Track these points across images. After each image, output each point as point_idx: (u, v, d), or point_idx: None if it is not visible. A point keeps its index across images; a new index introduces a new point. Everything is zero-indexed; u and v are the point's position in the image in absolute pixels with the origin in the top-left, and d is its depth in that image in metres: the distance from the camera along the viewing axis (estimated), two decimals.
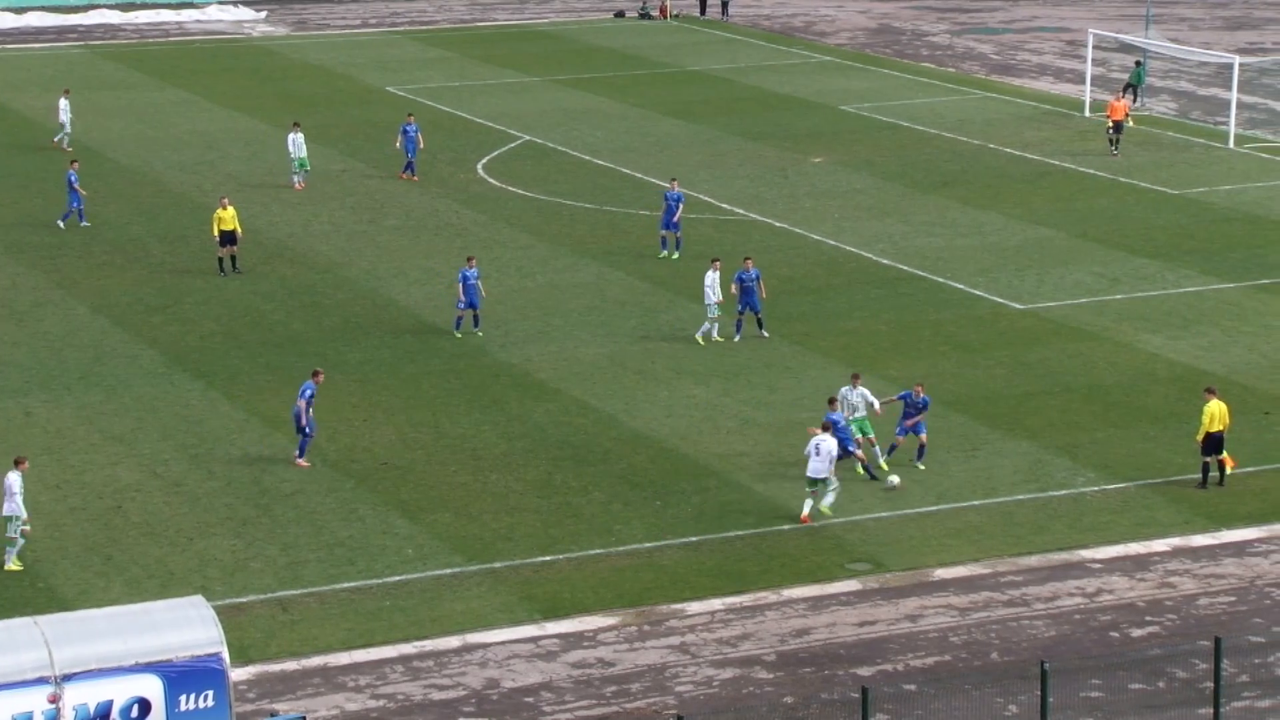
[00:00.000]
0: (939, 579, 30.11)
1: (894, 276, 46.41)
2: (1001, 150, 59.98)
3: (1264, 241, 49.05)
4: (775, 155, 59.85)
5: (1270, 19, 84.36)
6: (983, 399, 37.89)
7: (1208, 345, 40.81)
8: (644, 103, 68.59)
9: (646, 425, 36.74)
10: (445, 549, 31.27)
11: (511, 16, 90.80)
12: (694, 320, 43.16)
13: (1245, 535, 31.58)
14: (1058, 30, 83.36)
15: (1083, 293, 44.86)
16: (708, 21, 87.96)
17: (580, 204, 54.11)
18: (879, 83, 71.97)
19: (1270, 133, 61.25)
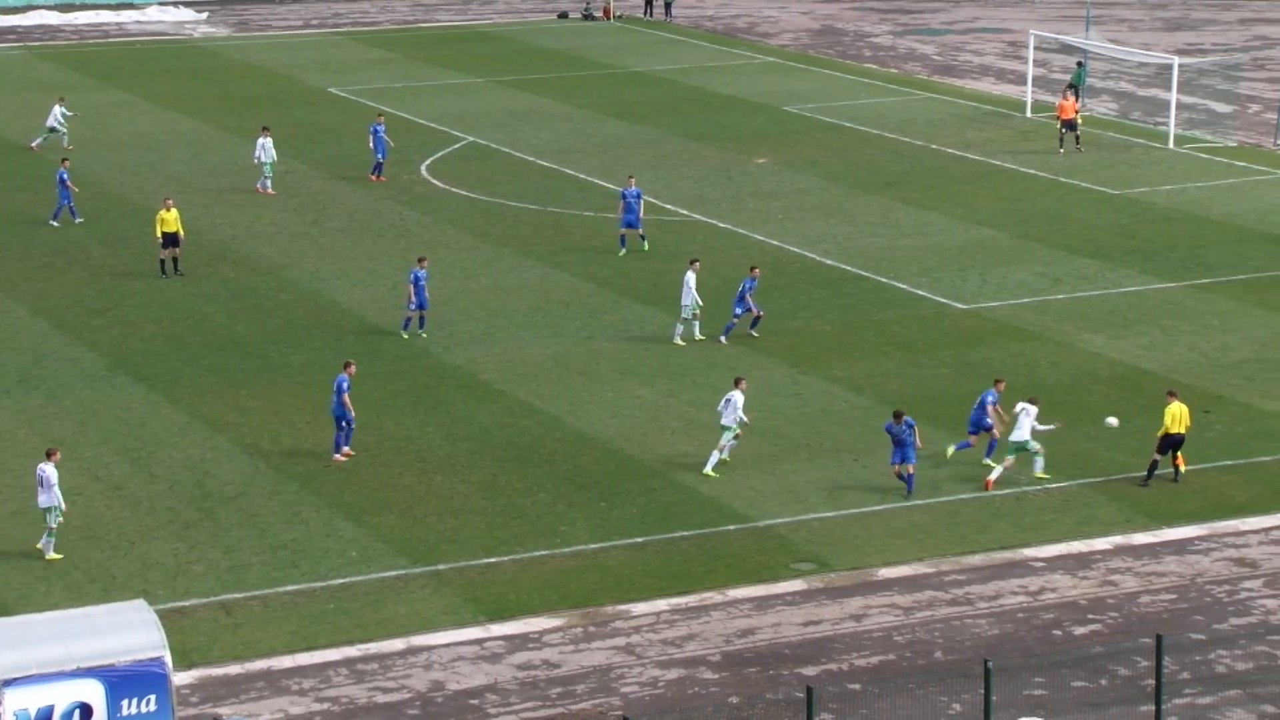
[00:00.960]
0: (883, 578, 30.20)
1: (838, 277, 46.53)
2: (944, 151, 60.24)
3: (1204, 241, 49.41)
4: (719, 156, 59.93)
5: (1208, 20, 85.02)
6: (926, 399, 38.03)
7: (1148, 344, 41.08)
8: (588, 103, 68.57)
9: (591, 426, 36.73)
10: (390, 551, 31.17)
11: (455, 17, 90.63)
12: (639, 321, 43.20)
13: (1186, 533, 31.81)
14: (999, 31, 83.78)
15: (1025, 293, 45.09)
16: (651, 22, 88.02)
17: (524, 205, 54.05)
18: (822, 83, 72.17)
19: (1209, 133, 61.71)
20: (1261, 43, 78.40)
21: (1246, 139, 61.19)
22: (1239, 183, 55.64)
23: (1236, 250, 48.37)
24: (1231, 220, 51.34)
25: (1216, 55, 74.74)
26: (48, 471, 30.70)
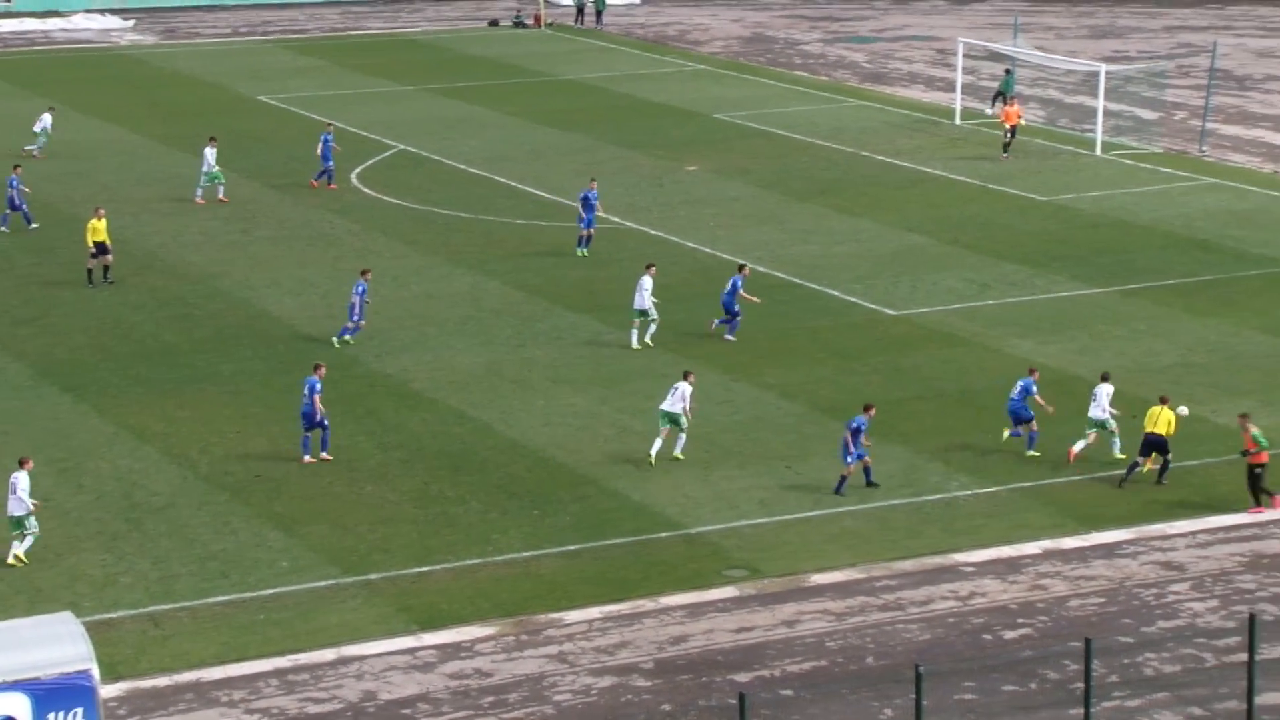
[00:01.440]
0: (815, 584, 30.27)
1: (770, 284, 46.62)
2: (875, 158, 60.48)
3: (1131, 247, 49.79)
4: (650, 164, 59.97)
5: (1134, 27, 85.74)
6: (858, 405, 38.04)
7: (1077, 350, 41.35)
8: (518, 111, 68.50)
9: (524, 434, 36.66)
10: (320, 561, 31.01)
11: (385, 25, 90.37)
12: (571, 329, 43.17)
13: (1114, 537, 32.02)
14: (928, 39, 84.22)
15: (955, 299, 45.31)
16: (582, 30, 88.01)
17: (455, 213, 53.93)
18: (753, 91, 72.35)
19: (1136, 140, 62.21)
20: (1186, 50, 79.13)
21: (1172, 145, 61.71)
22: (1165, 189, 56.11)
23: (1163, 256, 48.77)
24: (1158, 226, 51.77)
25: (1142, 62, 75.37)
26: (19, 479, 30.70)
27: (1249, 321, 42.98)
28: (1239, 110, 67.27)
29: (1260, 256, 48.45)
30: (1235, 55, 76.75)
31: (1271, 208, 53.54)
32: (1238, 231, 50.92)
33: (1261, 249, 49.13)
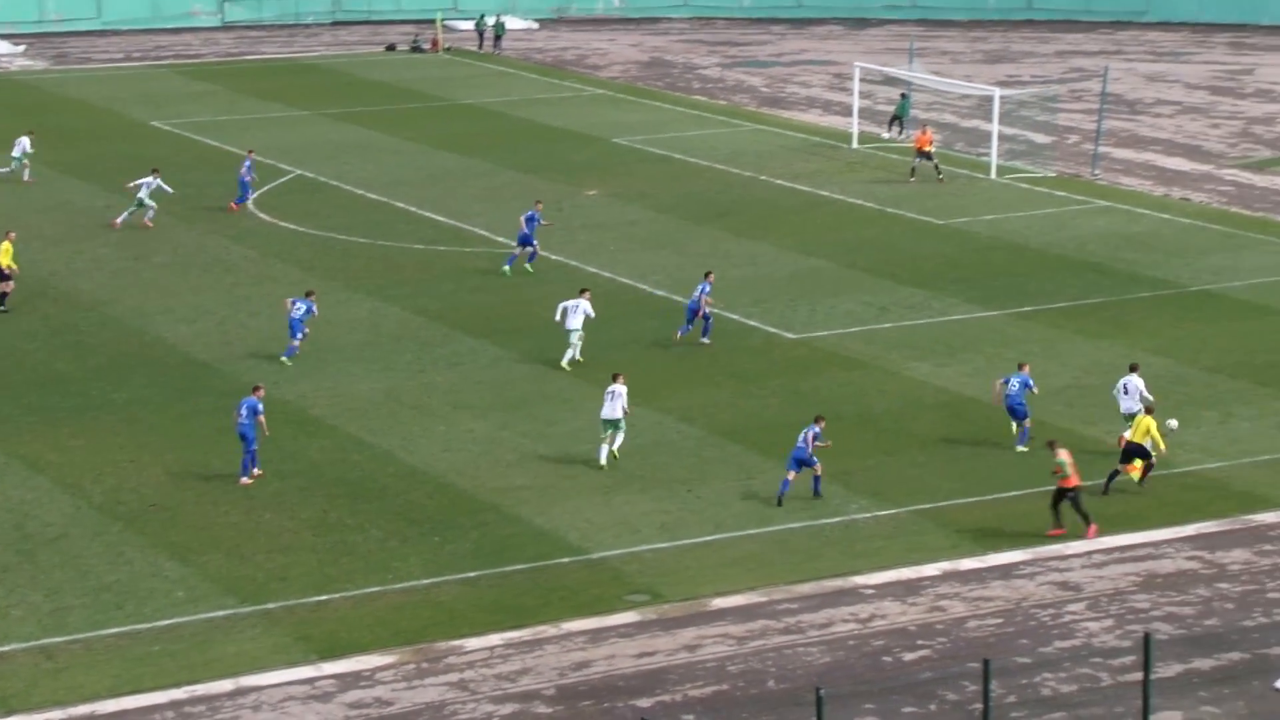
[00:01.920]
0: (716, 608, 30.31)
1: (670, 308, 46.71)
2: (773, 182, 60.80)
3: (1025, 270, 50.29)
4: (550, 188, 59.98)
5: (1027, 52, 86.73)
6: (758, 428, 38.30)
7: (973, 372, 41.71)
8: (417, 136, 68.32)
9: (424, 460, 36.50)
10: (217, 591, 30.71)
11: (280, 50, 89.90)
12: (471, 354, 43.07)
13: (1011, 558, 32.27)
14: (825, 64, 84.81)
15: (853, 322, 45.60)
16: (480, 55, 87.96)
17: (354, 238, 53.69)
18: (652, 115, 72.56)
19: (1030, 163, 62.88)
20: (1078, 74, 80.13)
21: (1065, 169, 62.45)
22: (1058, 212, 56.75)
23: (1056, 278, 49.29)
24: (1051, 249, 52.33)
25: (1036, 87, 76.25)
26: None
27: (1141, 343, 43.53)
28: (1130, 134, 68.20)
29: (1152, 278, 49.10)
30: (1126, 80, 77.82)
31: (1162, 230, 54.29)
32: (1130, 254, 51.58)
33: (1153, 271, 49.79)
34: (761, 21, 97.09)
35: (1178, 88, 77.06)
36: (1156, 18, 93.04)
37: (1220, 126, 69.41)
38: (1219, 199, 58.15)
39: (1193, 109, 72.71)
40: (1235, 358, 42.42)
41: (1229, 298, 47.04)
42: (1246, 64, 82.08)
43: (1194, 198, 58.28)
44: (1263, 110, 72.11)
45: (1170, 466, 36.02)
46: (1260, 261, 50.51)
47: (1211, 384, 40.72)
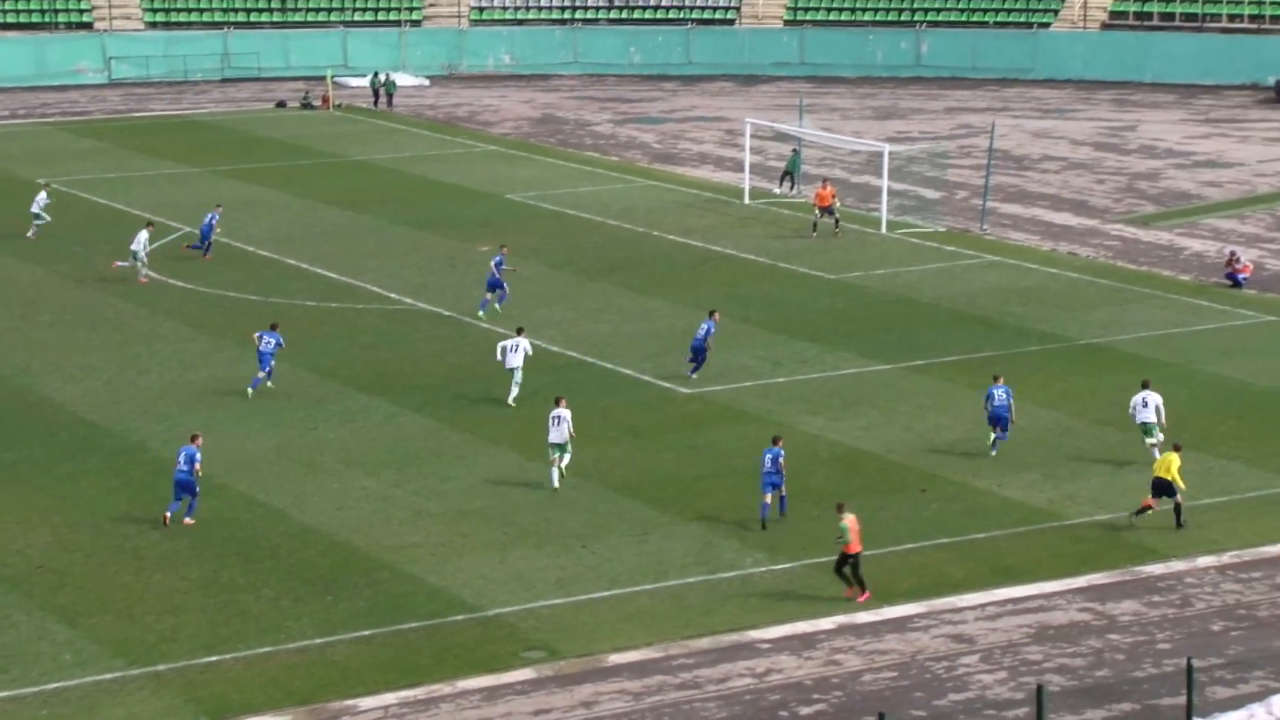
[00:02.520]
0: (613, 664, 30.24)
1: (563, 363, 46.73)
2: (665, 237, 61.05)
3: (916, 324, 50.72)
4: (442, 244, 59.91)
5: (916, 109, 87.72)
6: (653, 483, 38.32)
7: (866, 425, 41.98)
8: (307, 192, 68.07)
9: (316, 518, 36.22)
10: (106, 653, 30.27)
11: (169, 107, 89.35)
12: (363, 411, 42.83)
13: (906, 611, 32.44)
14: (716, 120, 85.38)
15: (747, 376, 45.79)
16: (372, 112, 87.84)
17: (244, 295, 53.34)
18: (544, 171, 72.72)
19: (920, 219, 63.53)
20: (967, 131, 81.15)
21: (955, 224, 63.14)
22: (948, 266, 57.35)
23: (948, 332, 49.77)
24: (942, 303, 52.83)
25: (925, 143, 77.12)
26: None
27: (1031, 396, 43.99)
28: (1018, 189, 69.11)
29: (1041, 332, 49.68)
30: (1013, 136, 78.88)
31: (1050, 284, 54.97)
32: (1019, 308, 52.18)
33: (1042, 325, 50.38)
34: (652, 78, 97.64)
35: (1063, 144, 78.23)
36: (1042, 75, 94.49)
37: (1105, 182, 70.51)
38: (1105, 253, 59.01)
39: (1078, 165, 73.82)
40: (1124, 410, 42.94)
41: (1116, 351, 47.70)
42: (1129, 120, 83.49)
43: (1081, 252, 59.11)
44: (1146, 166, 73.34)
45: (1061, 519, 36.41)
46: (1146, 315, 51.26)
47: (1101, 437, 41.22)
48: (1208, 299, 52.71)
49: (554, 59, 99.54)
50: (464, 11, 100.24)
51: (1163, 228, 62.66)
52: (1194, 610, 32.39)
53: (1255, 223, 63.17)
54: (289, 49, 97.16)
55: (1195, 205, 66.33)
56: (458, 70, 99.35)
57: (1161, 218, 64.32)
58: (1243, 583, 33.51)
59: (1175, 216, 64.47)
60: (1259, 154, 74.97)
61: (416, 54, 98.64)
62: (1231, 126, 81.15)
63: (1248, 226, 62.59)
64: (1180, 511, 35.76)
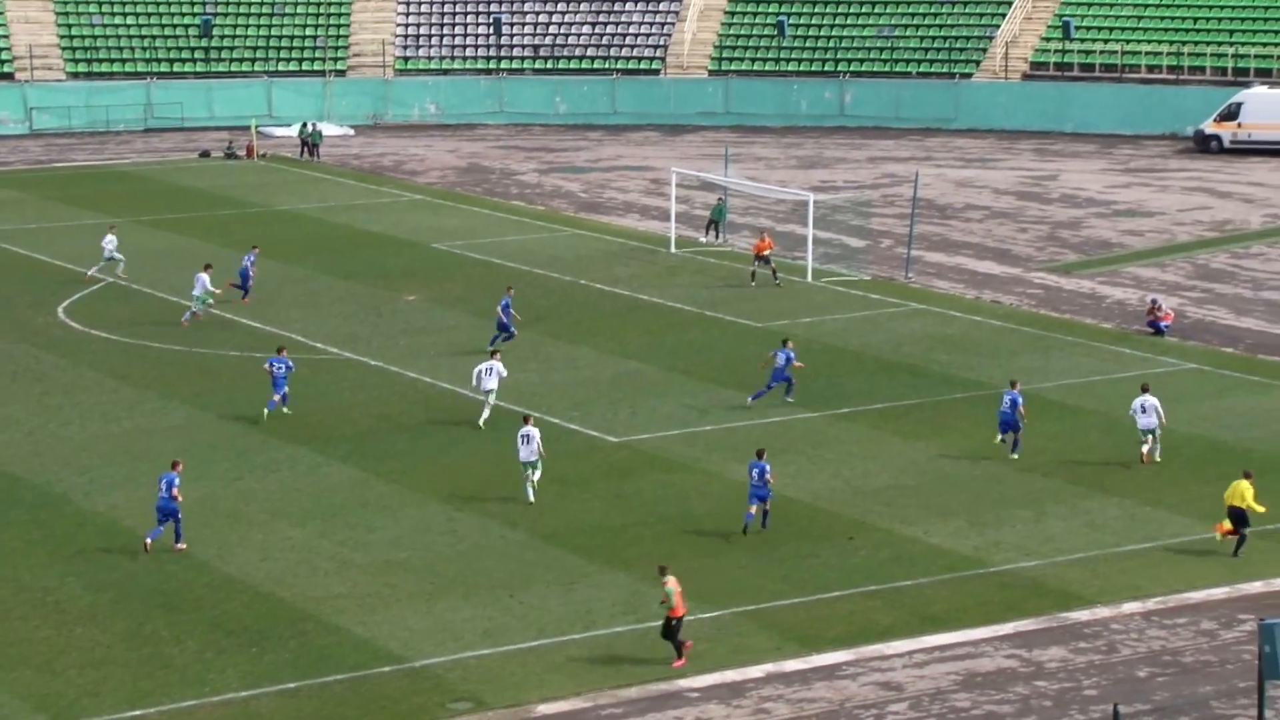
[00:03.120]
0: (541, 714, 30.11)
1: (492, 414, 46.61)
2: (592, 286, 61.11)
3: (843, 371, 50.93)
4: (368, 293, 59.74)
5: (840, 158, 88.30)
6: (580, 532, 38.26)
7: (794, 473, 42.08)
8: (232, 242, 67.76)
9: (241, 570, 35.94)
10: (25, 709, 29.88)
11: (91, 157, 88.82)
12: (288, 461, 42.61)
13: (834, 658, 32.48)
14: (642, 169, 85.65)
15: (674, 424, 45.84)
16: (296, 161, 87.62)
17: (168, 346, 52.99)
18: (470, 220, 72.69)
19: (845, 267, 63.86)
20: (890, 180, 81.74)
21: (880, 272, 63.51)
22: (874, 314, 57.67)
23: (873, 380, 49.99)
24: (868, 351, 53.09)
25: (849, 192, 77.62)
26: None
27: (956, 444, 44.25)
28: (942, 238, 69.62)
29: (966, 380, 49.98)
30: (936, 185, 79.51)
31: (974, 332, 55.36)
32: (944, 355, 52.51)
33: (967, 373, 50.69)
34: (578, 128, 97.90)
35: (986, 193, 78.91)
36: (964, 125, 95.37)
37: (1028, 231, 71.15)
38: (1028, 302, 59.49)
39: (1001, 214, 74.47)
40: (1047, 457, 43.27)
41: (1040, 398, 48.01)
42: (1051, 170, 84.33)
43: (1004, 300, 59.57)
44: (1068, 215, 74.06)
45: (986, 566, 36.58)
46: (1069, 363, 51.67)
47: (1025, 483, 41.48)
48: (1130, 346, 53.22)
49: (479, 108, 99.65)
50: (389, 61, 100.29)
51: (1085, 276, 63.26)
52: (1120, 656, 32.59)
53: (1175, 270, 63.88)
54: (213, 99, 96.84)
55: (1117, 254, 67.03)
56: (383, 120, 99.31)
57: (1084, 266, 64.95)
58: (1168, 629, 33.75)
59: (1097, 265, 65.11)
60: (1178, 203, 75.89)
61: (341, 104, 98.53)
62: (1151, 176, 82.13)
63: (1168, 274, 63.29)
64: (1243, 543, 36.61)
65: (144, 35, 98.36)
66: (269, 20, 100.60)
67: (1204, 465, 42.55)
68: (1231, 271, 63.50)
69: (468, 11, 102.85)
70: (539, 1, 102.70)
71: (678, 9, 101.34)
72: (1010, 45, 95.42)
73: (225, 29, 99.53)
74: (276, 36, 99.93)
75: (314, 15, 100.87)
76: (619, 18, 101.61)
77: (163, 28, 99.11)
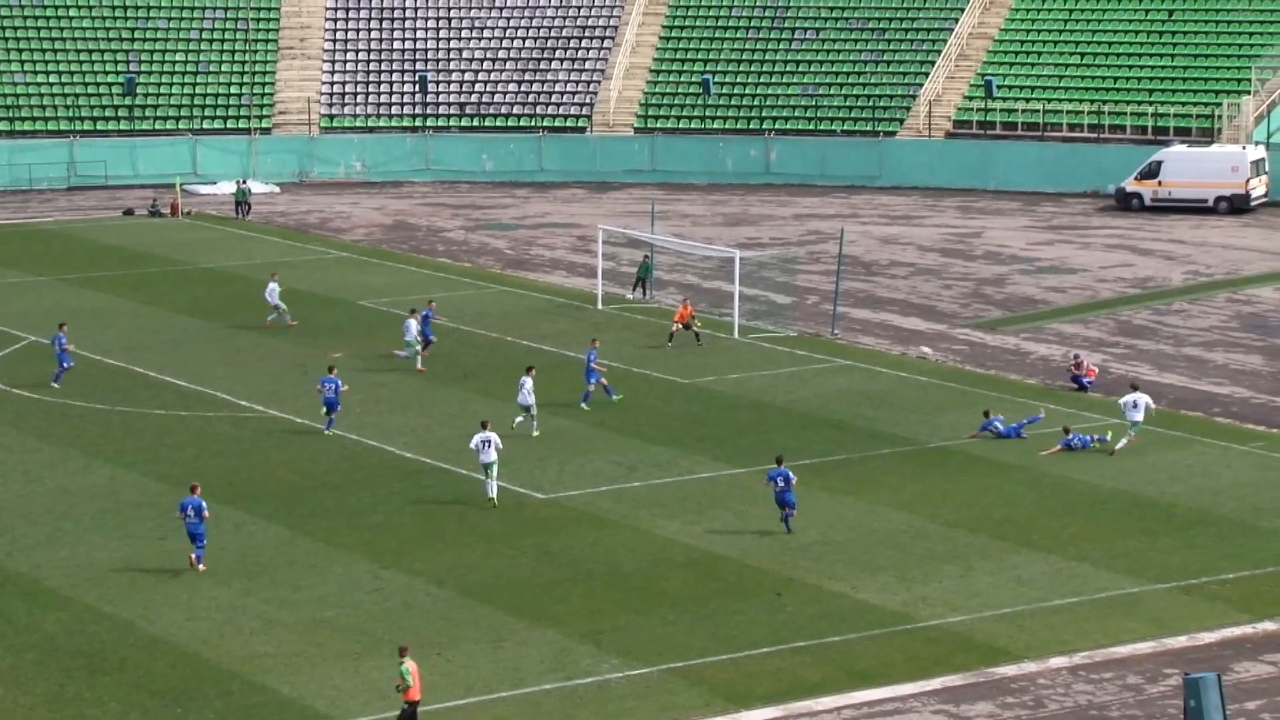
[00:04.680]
0: None
1: (417, 469, 46.54)
2: (519, 342, 61.13)
3: (770, 427, 51.12)
4: (293, 350, 59.54)
5: (766, 215, 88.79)
6: (508, 588, 38.19)
7: (722, 529, 42.17)
8: (156, 300, 67.46)
9: (165, 630, 35.66)
10: None
11: (13, 215, 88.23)
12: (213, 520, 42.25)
13: (763, 716, 32.51)
14: (568, 226, 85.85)
15: (602, 481, 45.87)
16: (221, 219, 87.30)
17: (91, 405, 52.64)
18: (396, 277, 72.62)
19: (771, 323, 64.16)
20: (816, 237, 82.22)
21: (806, 329, 63.84)
22: (800, 370, 57.94)
23: (801, 436, 50.20)
24: (795, 407, 53.33)
25: (775, 249, 78.03)
26: None
27: (883, 499, 44.47)
28: (867, 294, 70.10)
29: (892, 435, 50.27)
30: (861, 242, 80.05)
31: (900, 388, 55.70)
32: (870, 411, 52.80)
33: (893, 428, 50.99)
34: (505, 185, 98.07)
35: (911, 249, 79.54)
36: (889, 182, 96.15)
37: (953, 287, 71.73)
38: (954, 358, 59.95)
39: (926, 270, 75.06)
40: (974, 512, 43.55)
41: (966, 453, 48.36)
42: (975, 227, 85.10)
43: (929, 355, 59.99)
44: (992, 271, 74.73)
45: (913, 621, 36.73)
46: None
47: (952, 538, 41.72)
48: (1054, 402, 53.67)
49: (406, 166, 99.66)
50: (314, 119, 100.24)
51: (1009, 332, 63.81)
52: (1047, 711, 32.77)
53: (1098, 327, 64.54)
54: (136, 157, 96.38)
55: (1040, 310, 67.66)
56: (309, 177, 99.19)
57: (1008, 322, 65.53)
58: (1094, 683, 33.98)
59: (1021, 321, 65.70)
60: (1100, 260, 76.73)
61: (267, 161, 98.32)
62: (1074, 233, 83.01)
63: (1091, 331, 63.94)
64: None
65: (67, 93, 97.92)
66: (194, 78, 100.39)
67: (1128, 520, 42.94)
68: (1153, 328, 64.24)
69: (393, 69, 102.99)
70: (465, 59, 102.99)
71: (604, 67, 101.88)
72: (934, 104, 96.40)
73: (149, 87, 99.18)
74: (201, 94, 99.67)
75: (239, 73, 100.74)
76: (545, 75, 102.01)
77: (86, 85, 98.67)
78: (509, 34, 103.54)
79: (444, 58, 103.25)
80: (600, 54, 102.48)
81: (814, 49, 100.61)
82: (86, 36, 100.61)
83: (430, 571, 39.03)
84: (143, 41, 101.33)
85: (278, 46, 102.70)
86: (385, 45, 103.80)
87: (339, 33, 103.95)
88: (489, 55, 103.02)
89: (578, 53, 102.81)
